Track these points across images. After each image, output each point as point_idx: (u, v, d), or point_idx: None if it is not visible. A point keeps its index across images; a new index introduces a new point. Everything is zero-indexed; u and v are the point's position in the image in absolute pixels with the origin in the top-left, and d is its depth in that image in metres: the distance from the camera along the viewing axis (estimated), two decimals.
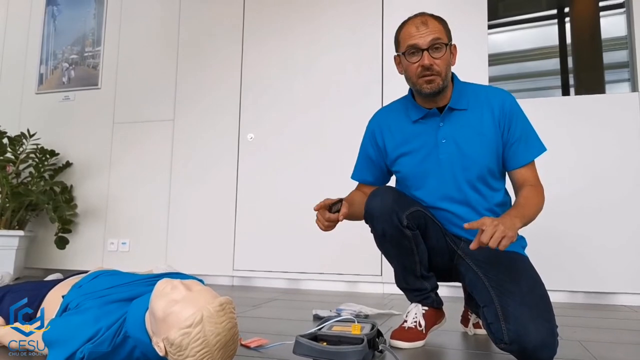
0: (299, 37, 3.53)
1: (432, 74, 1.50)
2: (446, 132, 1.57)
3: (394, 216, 1.50)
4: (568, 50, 3.33)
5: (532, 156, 1.55)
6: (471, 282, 1.52)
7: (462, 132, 1.55)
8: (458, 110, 1.57)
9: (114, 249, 3.74)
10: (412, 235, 1.52)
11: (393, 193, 1.55)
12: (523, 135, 1.54)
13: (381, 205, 1.52)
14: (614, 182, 2.85)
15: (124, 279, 1.40)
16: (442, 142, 1.56)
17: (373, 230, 1.59)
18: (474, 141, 1.54)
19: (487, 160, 1.54)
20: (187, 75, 3.76)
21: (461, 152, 1.54)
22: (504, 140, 1.54)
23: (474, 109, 1.57)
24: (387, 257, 1.63)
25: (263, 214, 3.43)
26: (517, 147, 1.54)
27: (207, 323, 1.10)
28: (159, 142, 3.75)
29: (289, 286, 3.35)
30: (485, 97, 1.58)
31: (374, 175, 1.76)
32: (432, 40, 1.50)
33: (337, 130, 3.33)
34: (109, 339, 1.22)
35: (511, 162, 1.55)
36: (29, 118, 4.09)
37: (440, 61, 1.51)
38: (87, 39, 4.08)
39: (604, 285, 2.80)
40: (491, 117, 1.55)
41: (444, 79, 1.52)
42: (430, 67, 1.50)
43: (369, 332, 1.35)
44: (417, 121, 1.62)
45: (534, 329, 1.32)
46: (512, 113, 1.54)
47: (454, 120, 1.57)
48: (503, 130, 1.54)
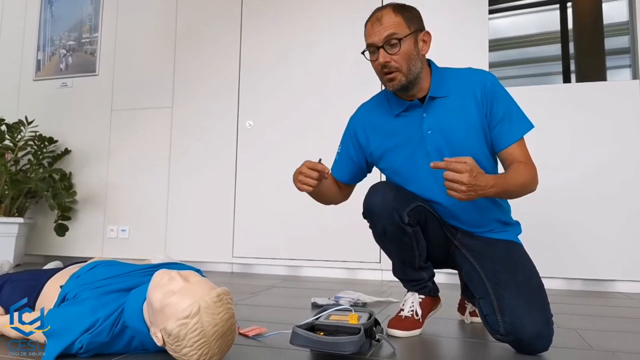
0: (297, 24, 3.50)
1: (392, 71, 1.47)
2: (431, 123, 1.52)
3: (395, 214, 1.48)
4: (570, 36, 3.30)
5: (518, 134, 1.48)
6: (467, 273, 1.53)
7: (446, 121, 1.51)
8: (439, 98, 1.53)
9: (113, 236, 3.75)
10: (412, 232, 1.50)
11: (393, 189, 1.52)
12: (507, 114, 1.48)
13: (382, 203, 1.49)
14: (612, 170, 2.84)
15: (121, 270, 1.40)
16: (427, 133, 1.52)
17: (373, 228, 1.57)
18: (460, 128, 1.50)
19: (476, 146, 1.50)
20: (185, 62, 3.73)
21: (448, 141, 1.50)
22: (488, 122, 1.49)
23: (456, 94, 1.52)
24: (385, 252, 1.62)
25: (262, 200, 3.44)
26: (501, 127, 1.48)
27: (204, 314, 1.10)
28: (158, 129, 3.74)
29: (288, 273, 3.36)
30: (466, 80, 1.53)
31: (352, 174, 1.72)
32: (386, 37, 1.45)
33: (336, 118, 3.28)
34: (107, 329, 1.23)
35: (497, 143, 1.50)
36: (26, 105, 4.07)
37: (398, 56, 1.46)
38: (84, 25, 4.05)
39: (600, 273, 2.81)
40: (474, 99, 1.50)
41: (406, 73, 1.47)
42: (387, 65, 1.46)
43: (366, 321, 1.35)
44: (399, 115, 1.57)
45: (529, 321, 1.33)
46: (493, 93, 1.49)
47: (437, 109, 1.53)
48: (486, 111, 1.49)
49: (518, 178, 1.41)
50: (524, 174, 1.43)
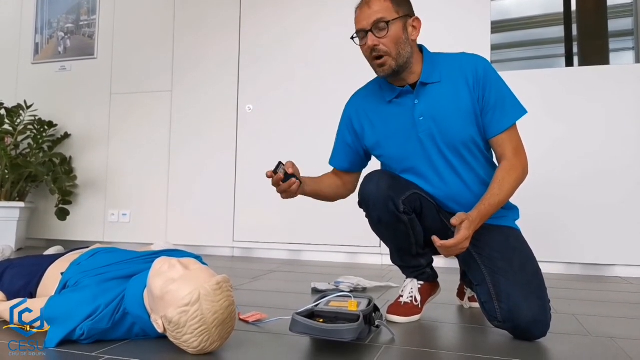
0: (298, 6, 3.45)
1: (381, 55, 1.46)
2: (422, 109, 1.51)
3: (389, 203, 1.48)
4: (573, 17, 3.26)
5: (510, 121, 1.47)
6: (464, 260, 1.53)
7: (438, 107, 1.49)
8: (431, 84, 1.51)
9: (114, 220, 3.77)
10: (408, 220, 1.51)
11: (387, 178, 1.52)
12: (499, 100, 1.47)
13: (376, 192, 1.49)
14: (611, 153, 2.83)
15: (122, 257, 1.41)
16: (419, 119, 1.51)
17: (368, 217, 1.57)
18: (452, 114, 1.48)
19: (468, 131, 1.48)
20: (184, 45, 3.70)
21: (440, 128, 1.49)
22: (480, 107, 1.48)
23: (448, 80, 1.50)
24: (382, 240, 1.63)
25: (263, 184, 3.41)
26: (493, 114, 1.47)
27: (204, 301, 1.11)
28: (157, 113, 3.73)
29: (289, 257, 3.38)
30: (458, 65, 1.51)
31: (351, 161, 1.71)
32: (375, 21, 1.45)
33: (336, 101, 3.26)
34: (108, 316, 1.24)
35: (489, 129, 1.48)
36: (25, 89, 4.05)
37: (387, 40, 1.44)
38: (82, 7, 4.00)
39: (600, 257, 2.82)
40: (466, 85, 1.48)
41: (395, 57, 1.46)
42: (375, 48, 1.45)
43: (366, 308, 1.37)
44: (391, 101, 1.56)
45: (526, 307, 1.34)
46: (486, 77, 1.47)
47: (428, 95, 1.51)
48: (479, 95, 1.47)
49: (505, 192, 1.44)
50: (511, 179, 1.44)
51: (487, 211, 1.41)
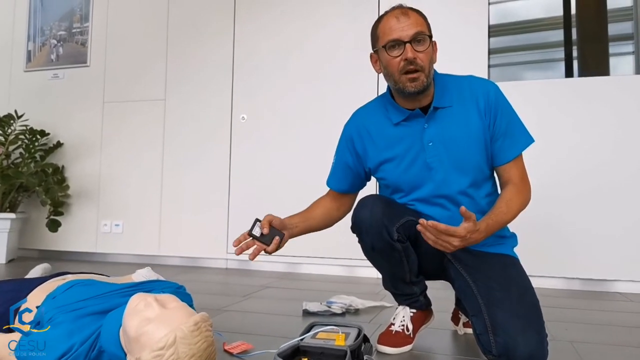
0: (292, 15, 3.40)
1: (416, 70, 1.39)
2: (432, 134, 1.46)
3: (383, 231, 1.43)
4: (573, 21, 3.21)
5: (518, 150, 1.46)
6: (460, 288, 1.48)
7: (449, 132, 1.45)
8: (442, 108, 1.47)
9: (107, 231, 3.71)
10: (402, 248, 1.46)
11: (382, 204, 1.47)
12: (509, 129, 1.45)
13: (370, 218, 1.45)
14: (614, 167, 2.78)
15: (99, 290, 1.35)
16: (428, 145, 1.46)
17: (361, 243, 1.53)
18: (462, 139, 1.44)
19: (477, 157, 1.46)
20: (178, 53, 3.64)
21: (450, 153, 1.45)
22: (490, 134, 1.45)
23: (459, 104, 1.46)
24: (375, 267, 1.58)
25: (257, 195, 3.38)
26: (502, 142, 1.45)
27: (180, 344, 1.06)
28: (150, 122, 3.67)
29: (284, 270, 3.32)
30: (468, 89, 1.47)
31: (351, 183, 1.66)
32: (416, 33, 1.39)
33: (332, 108, 3.23)
34: (84, 354, 1.19)
35: (498, 158, 1.47)
36: (18, 96, 4.00)
37: (424, 55, 1.39)
38: (74, 14, 3.95)
39: (600, 273, 2.76)
40: (476, 110, 1.45)
41: (427, 75, 1.41)
42: (414, 61, 1.38)
43: (354, 342, 1.31)
44: (399, 124, 1.50)
45: (522, 341, 1.28)
46: (497, 104, 1.45)
47: (439, 119, 1.46)
48: (489, 122, 1.45)
49: (511, 212, 1.41)
50: (518, 201, 1.42)
51: (493, 227, 1.37)
